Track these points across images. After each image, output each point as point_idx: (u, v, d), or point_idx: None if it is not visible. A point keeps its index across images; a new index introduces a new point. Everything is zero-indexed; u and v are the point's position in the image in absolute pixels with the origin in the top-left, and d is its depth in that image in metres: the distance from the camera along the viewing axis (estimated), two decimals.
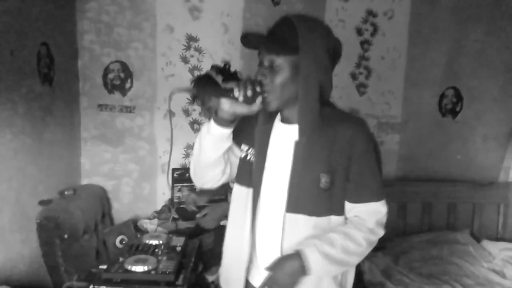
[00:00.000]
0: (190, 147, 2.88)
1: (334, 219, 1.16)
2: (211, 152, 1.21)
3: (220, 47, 2.85)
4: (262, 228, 1.22)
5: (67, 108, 2.54)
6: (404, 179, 3.17)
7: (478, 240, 3.00)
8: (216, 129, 1.15)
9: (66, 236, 1.99)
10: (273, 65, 1.11)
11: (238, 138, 1.25)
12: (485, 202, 3.16)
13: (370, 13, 3.00)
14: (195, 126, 2.88)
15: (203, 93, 1.11)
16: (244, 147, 1.28)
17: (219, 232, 2.15)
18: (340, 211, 1.17)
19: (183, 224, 2.41)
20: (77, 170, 2.73)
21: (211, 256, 2.10)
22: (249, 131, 1.25)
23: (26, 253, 1.98)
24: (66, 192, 2.30)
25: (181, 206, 2.61)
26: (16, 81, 1.91)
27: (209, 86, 1.75)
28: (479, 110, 3.24)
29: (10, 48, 1.85)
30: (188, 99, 2.80)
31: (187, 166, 2.85)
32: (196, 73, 2.81)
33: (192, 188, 2.62)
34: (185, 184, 2.71)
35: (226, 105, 1.11)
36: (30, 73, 2.05)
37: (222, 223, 2.14)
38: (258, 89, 1.10)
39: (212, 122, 1.16)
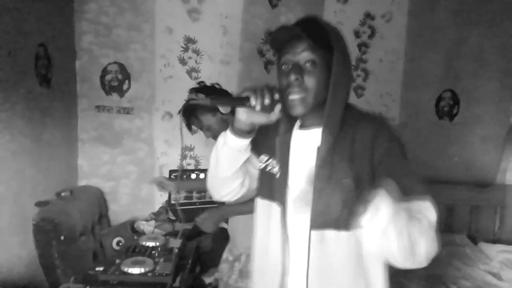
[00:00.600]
0: (188, 148, 2.88)
1: (355, 235, 1.00)
2: (229, 164, 1.14)
3: (219, 49, 2.85)
4: (293, 245, 1.12)
5: (65, 109, 2.54)
6: None
7: (475, 242, 3.00)
8: (233, 140, 1.08)
9: (63, 237, 1.98)
10: (307, 64, 1.02)
11: (256, 148, 1.18)
12: (482, 204, 3.17)
13: (368, 16, 3.01)
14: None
15: (216, 103, 1.04)
16: (264, 157, 1.19)
17: (217, 234, 2.16)
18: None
19: (180, 226, 2.41)
20: (75, 171, 2.73)
21: (208, 258, 2.10)
22: (268, 140, 1.17)
23: (24, 254, 1.97)
24: (63, 193, 2.29)
25: (179, 208, 2.60)
26: (14, 82, 1.90)
27: (223, 96, 1.71)
28: (476, 112, 3.25)
29: (8, 49, 1.84)
30: (185, 100, 2.79)
31: (184, 168, 2.86)
32: (194, 74, 2.81)
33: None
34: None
35: (243, 115, 1.03)
36: (28, 74, 2.05)
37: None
38: (276, 96, 1.00)
39: (229, 133, 1.08)
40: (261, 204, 1.20)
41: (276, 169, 1.14)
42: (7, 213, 1.86)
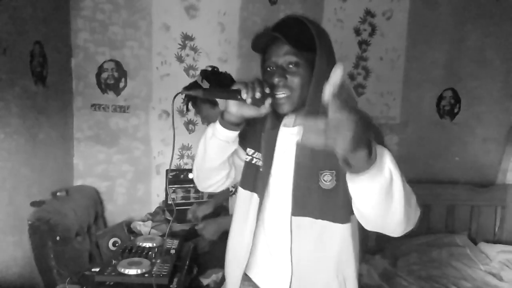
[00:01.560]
0: (185, 147, 2.85)
1: (336, 227, 1.09)
2: (216, 155, 1.18)
3: (217, 46, 2.82)
4: (272, 234, 1.20)
5: (61, 107, 2.51)
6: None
7: (475, 242, 2.99)
8: (222, 131, 1.12)
9: (58, 238, 1.96)
10: (290, 65, 1.07)
11: (243, 141, 1.22)
12: (483, 205, 3.16)
13: (369, 13, 2.99)
14: (190, 126, 2.85)
15: (208, 95, 1.05)
16: (250, 150, 1.24)
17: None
18: (344, 218, 1.08)
19: (177, 227, 2.38)
20: (70, 171, 2.70)
21: (206, 259, 2.07)
22: (255, 134, 1.22)
23: (19, 255, 1.95)
24: (58, 193, 2.27)
25: (176, 208, 2.58)
26: (9, 80, 1.88)
27: (215, 88, 1.73)
28: (477, 112, 3.24)
29: (3, 46, 1.81)
30: (183, 99, 2.77)
31: (182, 167, 2.83)
32: (192, 72, 2.79)
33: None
34: (179, 186, 2.67)
35: (233, 108, 1.08)
36: (23, 72, 2.02)
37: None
38: (267, 90, 1.04)
39: (218, 124, 1.12)
40: (242, 193, 1.25)
41: (260, 163, 1.20)
42: (2, 213, 1.84)
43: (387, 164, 0.83)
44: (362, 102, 3.07)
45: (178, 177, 2.69)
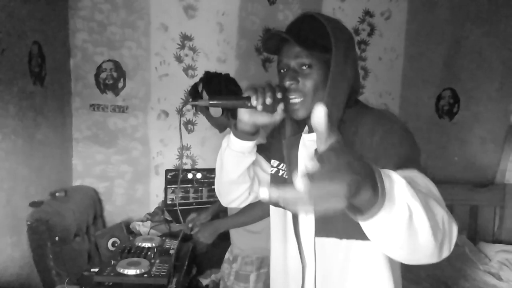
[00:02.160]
0: (184, 148, 2.85)
1: (364, 245, 0.97)
2: (233, 168, 1.09)
3: (215, 46, 2.82)
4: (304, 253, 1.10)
5: (59, 108, 2.50)
6: None
7: (474, 242, 2.99)
8: (236, 142, 1.04)
9: (57, 238, 1.95)
10: (303, 67, 0.98)
11: (266, 152, 1.15)
12: (482, 204, 3.16)
13: (367, 13, 2.99)
14: (189, 126, 2.84)
15: (215, 105, 1.00)
16: (274, 162, 1.16)
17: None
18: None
19: (176, 227, 2.38)
20: (69, 171, 2.69)
21: (205, 259, 2.07)
22: (278, 144, 1.14)
23: (17, 256, 1.95)
24: (57, 194, 2.26)
25: (174, 208, 2.58)
26: (7, 81, 1.87)
27: (222, 96, 1.67)
28: (476, 112, 3.24)
29: (1, 47, 1.81)
30: (182, 99, 2.77)
31: (182, 167, 2.82)
32: (191, 72, 2.78)
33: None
34: (178, 186, 2.67)
35: (244, 116, 0.99)
36: (21, 73, 2.01)
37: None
38: (278, 95, 0.96)
39: (231, 135, 1.04)
40: (274, 212, 1.16)
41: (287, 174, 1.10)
42: (0, 213, 1.83)
43: (402, 197, 0.67)
44: None
45: (177, 178, 2.68)
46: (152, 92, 2.77)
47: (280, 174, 1.13)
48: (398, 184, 0.67)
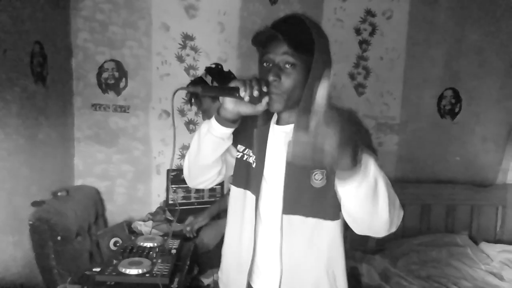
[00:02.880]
0: (186, 147, 2.85)
1: (326, 224, 1.11)
2: (211, 152, 1.18)
3: (217, 46, 2.82)
4: (262, 231, 1.21)
5: (61, 107, 2.51)
6: (403, 180, 3.15)
7: (476, 242, 2.99)
8: (218, 128, 1.12)
9: (59, 237, 1.96)
10: (286, 65, 1.07)
11: (234, 137, 1.21)
12: (483, 204, 3.15)
13: (369, 13, 2.99)
14: (191, 126, 2.85)
15: (207, 92, 1.05)
16: (241, 147, 1.25)
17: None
18: (334, 215, 1.11)
19: (178, 226, 2.38)
20: (71, 170, 2.70)
21: (207, 259, 2.07)
22: (246, 131, 1.22)
23: (19, 255, 1.95)
24: (59, 193, 2.27)
25: (176, 208, 2.58)
26: (9, 80, 1.88)
27: (213, 86, 1.73)
28: (478, 111, 3.23)
29: (3, 46, 1.81)
30: (183, 99, 2.77)
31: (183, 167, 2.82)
32: (192, 72, 2.79)
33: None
34: (180, 186, 2.66)
35: (230, 105, 1.07)
36: (23, 72, 2.02)
37: None
38: (264, 89, 1.04)
39: (213, 121, 1.12)
40: (235, 191, 1.26)
41: (252, 159, 1.21)
42: (2, 213, 1.84)
43: (372, 171, 0.89)
44: (362, 102, 3.06)
45: (179, 177, 2.68)
46: (153, 92, 2.77)
47: (244, 158, 1.23)
48: (370, 163, 0.89)
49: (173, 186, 2.67)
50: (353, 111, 1.07)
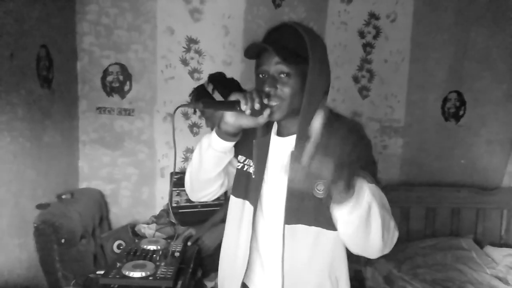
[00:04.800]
0: (189, 150, 2.85)
1: (329, 233, 1.10)
2: (213, 167, 1.17)
3: (221, 49, 2.83)
4: (264, 241, 1.20)
5: (66, 111, 2.52)
6: (407, 183, 3.14)
7: (481, 246, 2.97)
8: (219, 142, 1.11)
9: (63, 240, 1.97)
10: (281, 75, 1.06)
11: (235, 148, 1.21)
12: (489, 208, 3.13)
13: (373, 16, 2.98)
14: (194, 129, 2.85)
15: (208, 108, 1.05)
16: (241, 158, 1.24)
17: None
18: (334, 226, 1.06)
19: (182, 230, 2.38)
20: (75, 173, 2.71)
21: (210, 262, 2.07)
22: (246, 141, 1.21)
23: (24, 257, 1.96)
24: (64, 196, 2.28)
25: (180, 210, 2.58)
26: (15, 84, 1.89)
27: (214, 101, 1.71)
28: (482, 114, 3.21)
29: (10, 50, 1.83)
30: (187, 102, 2.78)
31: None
32: (196, 75, 2.79)
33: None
34: (183, 189, 2.66)
35: (231, 118, 1.07)
36: (29, 76, 2.03)
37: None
38: (265, 101, 1.05)
39: (214, 135, 1.11)
40: (234, 202, 1.25)
41: (252, 169, 1.19)
42: (7, 215, 1.85)
43: (366, 196, 0.90)
44: (367, 105, 3.06)
45: (183, 180, 2.67)
46: (158, 95, 2.78)
47: (245, 169, 1.22)
48: (364, 188, 0.90)
49: (177, 189, 2.67)
50: (356, 123, 1.08)
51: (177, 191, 2.67)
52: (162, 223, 2.49)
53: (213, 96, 1.91)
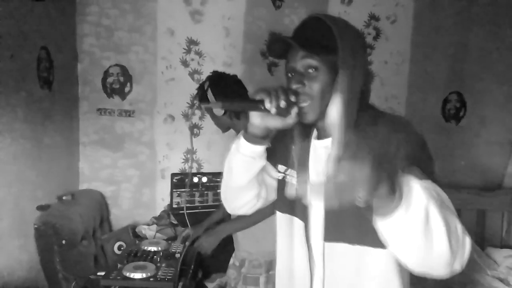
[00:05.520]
0: (190, 151, 2.85)
1: (376, 252, 0.94)
2: (243, 173, 1.05)
3: (221, 50, 2.83)
4: (319, 260, 1.06)
5: (66, 112, 2.52)
6: None
7: (482, 247, 2.96)
8: (247, 146, 1.00)
9: (64, 241, 1.96)
10: (309, 70, 0.95)
11: (272, 157, 1.10)
12: (489, 209, 3.12)
13: (373, 17, 2.99)
14: (195, 130, 2.85)
15: (228, 108, 0.95)
16: (281, 167, 1.12)
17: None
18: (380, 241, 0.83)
19: (182, 231, 2.38)
20: (76, 175, 2.71)
21: (211, 263, 2.07)
22: (284, 149, 1.10)
23: (24, 259, 1.96)
24: (64, 197, 2.27)
25: (180, 212, 2.58)
26: (15, 85, 1.89)
27: (235, 99, 1.65)
28: (483, 115, 3.22)
29: (10, 52, 1.83)
30: (188, 103, 2.79)
31: (187, 171, 2.83)
32: (197, 76, 2.80)
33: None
34: (184, 190, 2.67)
35: (256, 119, 0.96)
36: (29, 77, 2.03)
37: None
38: (292, 98, 0.93)
39: (241, 139, 1.00)
40: (281, 218, 1.13)
41: (294, 180, 1.07)
42: (8, 217, 1.84)
43: (419, 197, 0.72)
44: None
45: (183, 181, 2.69)
46: (159, 96, 2.78)
47: (287, 180, 1.11)
48: (415, 188, 0.73)
49: (177, 190, 2.68)
50: (402, 119, 0.98)
51: (178, 192, 2.67)
52: (162, 224, 2.49)
53: (207, 96, 1.87)
